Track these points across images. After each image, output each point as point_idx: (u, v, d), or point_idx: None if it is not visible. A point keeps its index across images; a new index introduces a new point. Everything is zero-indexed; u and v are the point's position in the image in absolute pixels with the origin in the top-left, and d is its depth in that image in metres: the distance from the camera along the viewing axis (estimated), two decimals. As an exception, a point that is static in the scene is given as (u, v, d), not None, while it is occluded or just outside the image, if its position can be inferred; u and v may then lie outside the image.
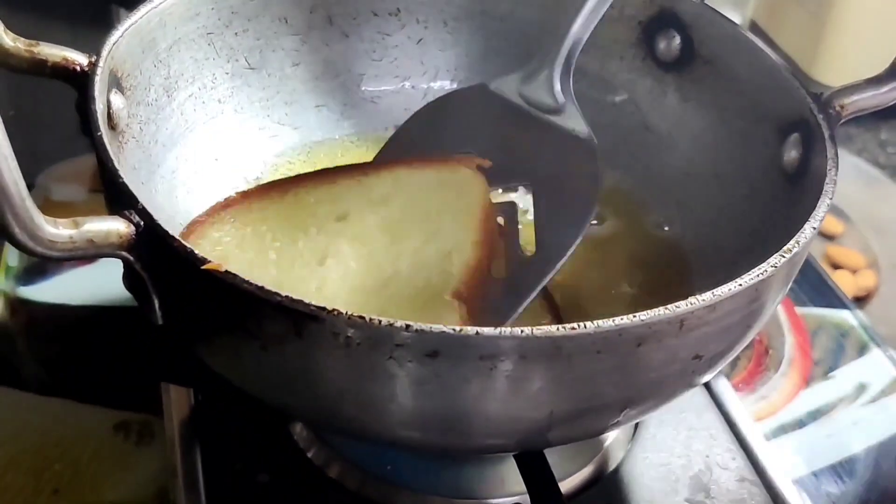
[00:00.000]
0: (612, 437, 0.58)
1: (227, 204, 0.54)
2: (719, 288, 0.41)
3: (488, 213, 0.53)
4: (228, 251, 0.52)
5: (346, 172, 0.56)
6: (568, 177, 0.54)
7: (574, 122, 0.56)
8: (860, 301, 0.87)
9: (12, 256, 0.70)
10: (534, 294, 0.51)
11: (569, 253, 0.52)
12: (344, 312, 0.38)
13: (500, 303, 0.51)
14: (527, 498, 0.52)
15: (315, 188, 0.55)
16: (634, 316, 0.39)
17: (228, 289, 0.39)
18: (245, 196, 0.55)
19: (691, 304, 0.40)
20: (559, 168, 0.55)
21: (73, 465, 0.58)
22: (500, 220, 0.55)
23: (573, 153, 0.55)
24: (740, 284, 0.41)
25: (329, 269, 0.51)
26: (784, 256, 0.43)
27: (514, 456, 0.52)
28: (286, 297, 0.38)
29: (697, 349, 0.43)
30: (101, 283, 0.67)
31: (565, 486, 0.54)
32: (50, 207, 0.75)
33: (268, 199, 0.54)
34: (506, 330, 0.38)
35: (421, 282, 0.51)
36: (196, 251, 0.40)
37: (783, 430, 0.64)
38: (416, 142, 0.59)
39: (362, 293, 0.50)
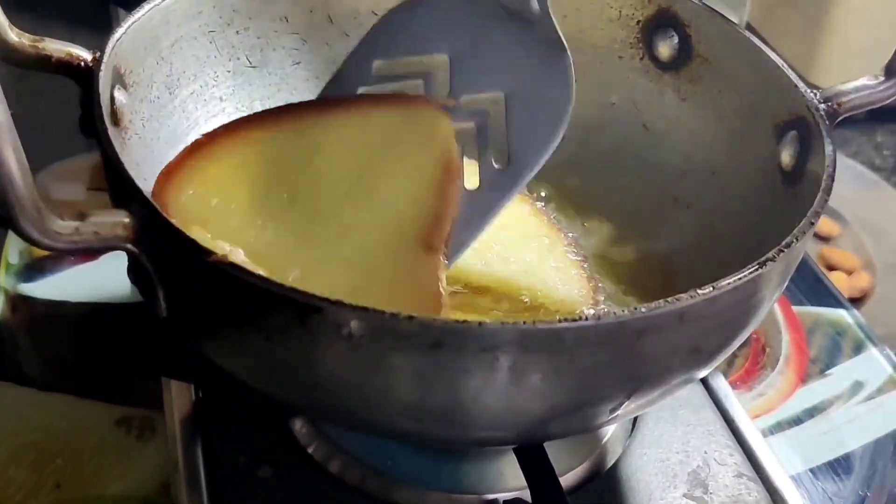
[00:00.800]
0: (610, 432, 0.58)
1: (195, 148, 0.52)
2: (719, 281, 0.41)
3: (454, 159, 0.52)
4: (200, 195, 0.50)
5: (313, 108, 0.55)
6: (540, 87, 0.53)
7: (549, 33, 0.54)
8: (855, 302, 0.88)
9: (13, 254, 0.70)
10: (504, 205, 0.52)
11: (539, 166, 0.52)
12: (347, 303, 0.38)
13: (472, 214, 0.51)
14: (527, 493, 0.52)
15: (282, 123, 0.54)
16: (635, 308, 0.40)
17: (233, 280, 0.39)
18: (212, 137, 0.53)
19: (691, 297, 0.40)
20: (532, 78, 0.54)
21: (74, 459, 0.58)
22: (473, 125, 0.54)
23: (547, 63, 0.53)
24: (740, 278, 0.42)
25: (299, 206, 0.51)
26: (783, 251, 0.43)
27: (514, 450, 0.52)
28: (290, 288, 0.39)
29: (697, 342, 0.43)
30: (102, 280, 0.68)
31: (564, 481, 0.54)
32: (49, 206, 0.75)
33: (236, 137, 0.53)
34: (508, 322, 0.38)
35: (389, 229, 0.50)
36: (199, 241, 0.40)
37: (780, 427, 0.65)
38: (389, 41, 0.57)
39: (326, 243, 0.50)
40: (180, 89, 0.57)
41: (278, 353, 0.41)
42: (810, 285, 0.75)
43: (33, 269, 0.69)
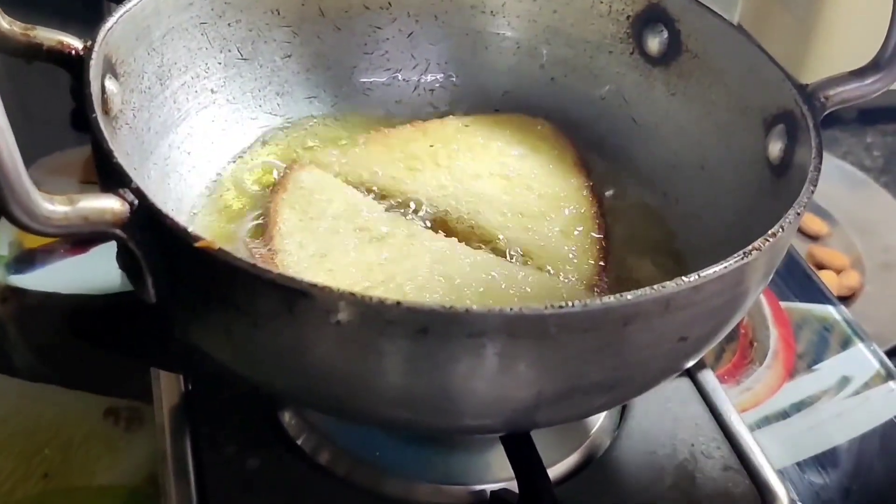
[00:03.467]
0: (597, 425, 0.58)
1: None
2: (705, 269, 0.41)
3: None
4: None
5: None
6: None
7: None
8: (844, 301, 0.88)
9: (2, 245, 0.70)
10: None
11: None
12: (335, 289, 0.38)
13: None
14: (514, 484, 0.52)
15: None
16: (621, 295, 0.40)
17: (221, 266, 0.39)
18: None
19: (677, 284, 0.41)
20: None
21: (63, 450, 0.58)
22: None
23: None
24: (725, 266, 0.42)
25: None
26: (768, 240, 0.44)
27: (502, 440, 0.52)
28: (278, 274, 0.39)
29: (683, 331, 0.43)
30: (92, 272, 0.68)
31: (552, 472, 0.54)
32: (40, 200, 0.75)
33: None
34: (495, 308, 0.39)
35: None
36: (189, 229, 0.40)
37: (767, 421, 0.65)
38: None
39: None
40: (171, 80, 0.58)
41: (266, 340, 0.41)
42: (798, 281, 0.75)
43: (23, 261, 0.69)
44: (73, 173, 0.78)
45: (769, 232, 0.44)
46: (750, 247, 0.43)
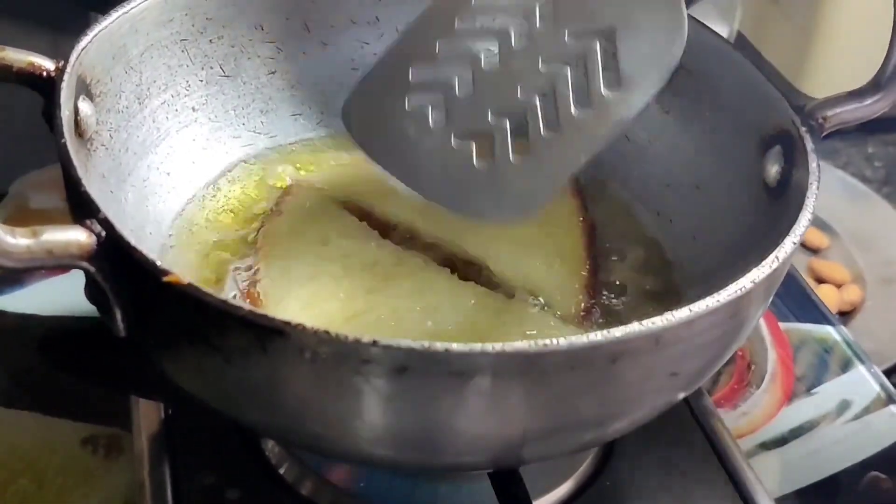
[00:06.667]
0: (590, 453, 0.57)
1: None
2: (696, 303, 0.40)
3: None
4: None
5: None
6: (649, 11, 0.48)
7: None
8: (845, 316, 0.86)
9: (-19, 265, 0.69)
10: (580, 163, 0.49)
11: (634, 112, 0.48)
12: (309, 327, 0.37)
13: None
14: (502, 516, 0.51)
15: None
16: (609, 332, 0.38)
17: (191, 301, 0.38)
18: None
19: (667, 319, 0.39)
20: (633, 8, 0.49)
21: (38, 479, 0.57)
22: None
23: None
24: (718, 300, 0.40)
25: None
26: (763, 271, 0.42)
27: (489, 474, 0.50)
28: (249, 310, 0.37)
29: (674, 366, 0.42)
30: (73, 294, 0.66)
31: (542, 503, 0.53)
32: (26, 215, 0.74)
33: None
34: (476, 346, 0.37)
35: None
36: (158, 263, 0.38)
37: (765, 447, 0.63)
38: None
39: None
40: (150, 99, 0.56)
41: (239, 377, 0.40)
42: (797, 301, 0.73)
43: (2, 281, 0.68)
44: (58, 188, 0.76)
45: (764, 262, 0.42)
46: (744, 278, 0.41)
